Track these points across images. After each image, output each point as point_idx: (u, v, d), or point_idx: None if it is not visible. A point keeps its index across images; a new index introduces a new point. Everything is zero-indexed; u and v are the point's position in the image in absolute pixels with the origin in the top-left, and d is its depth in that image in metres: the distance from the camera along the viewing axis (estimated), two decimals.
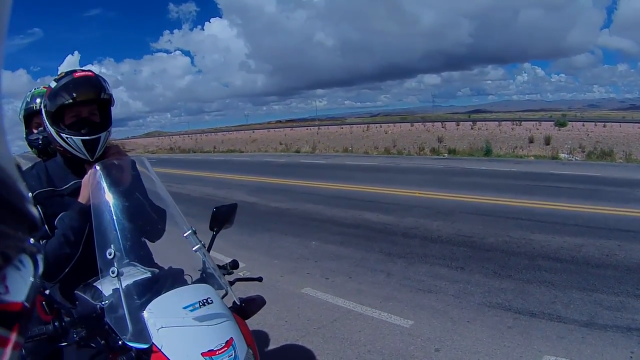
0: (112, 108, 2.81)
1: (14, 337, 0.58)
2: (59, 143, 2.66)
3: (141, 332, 2.09)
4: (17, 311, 0.60)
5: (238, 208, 3.04)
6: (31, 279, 0.64)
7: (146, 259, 2.52)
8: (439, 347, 5.21)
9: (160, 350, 2.04)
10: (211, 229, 2.88)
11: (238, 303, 2.58)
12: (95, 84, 2.66)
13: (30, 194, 2.55)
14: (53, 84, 2.61)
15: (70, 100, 2.57)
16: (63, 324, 2.06)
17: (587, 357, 4.87)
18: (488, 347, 5.15)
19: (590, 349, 5.00)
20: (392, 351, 5.18)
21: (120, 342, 2.09)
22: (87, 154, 2.68)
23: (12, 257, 0.60)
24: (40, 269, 0.67)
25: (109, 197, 2.43)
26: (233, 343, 2.14)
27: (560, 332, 5.41)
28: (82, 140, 2.65)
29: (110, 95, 2.73)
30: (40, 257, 0.67)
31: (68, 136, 2.63)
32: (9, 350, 0.57)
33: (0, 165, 0.57)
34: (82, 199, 2.56)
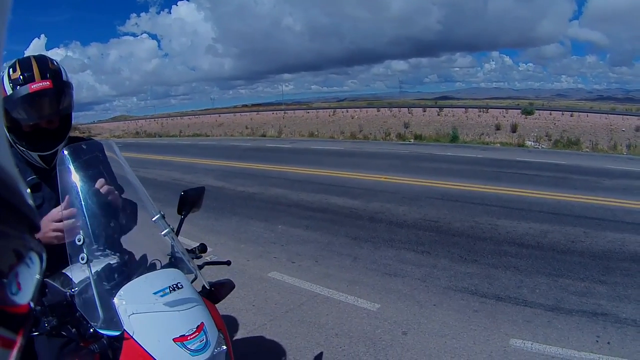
0: (73, 102, 2.66)
1: (20, 339, 0.60)
2: (15, 147, 2.57)
3: (112, 319, 2.06)
4: (24, 313, 0.62)
5: (205, 192, 3.01)
6: (37, 276, 0.66)
7: (115, 244, 2.45)
8: (406, 330, 5.23)
9: (131, 336, 2.01)
10: (179, 212, 2.84)
11: (208, 287, 2.59)
12: (53, 98, 2.52)
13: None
14: (7, 86, 2.44)
15: (27, 119, 2.47)
16: (34, 313, 2.00)
17: (554, 341, 4.93)
18: (455, 331, 5.19)
19: (556, 333, 5.07)
20: (359, 334, 5.19)
21: (91, 330, 2.05)
22: (43, 165, 2.63)
23: (23, 254, 0.62)
24: (44, 266, 0.68)
25: (77, 182, 2.36)
26: (204, 328, 2.14)
27: (526, 316, 5.47)
28: (39, 155, 2.59)
29: (71, 103, 2.63)
30: (45, 255, 0.69)
31: (25, 150, 2.56)
32: (15, 352, 0.59)
33: (0, 165, 0.57)
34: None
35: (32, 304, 0.63)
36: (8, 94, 2.43)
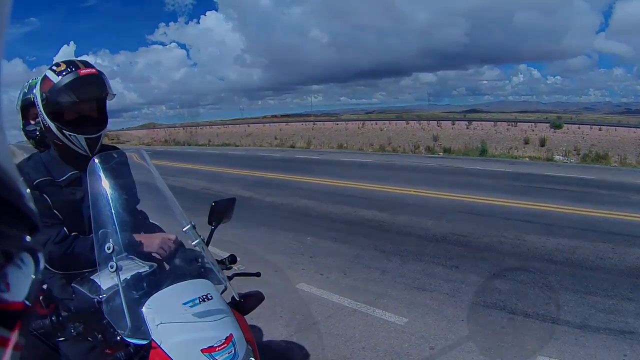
0: (108, 102, 2.83)
1: (14, 337, 0.58)
2: (57, 137, 2.68)
3: (140, 327, 2.08)
4: (18, 311, 0.60)
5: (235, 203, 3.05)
6: (32, 276, 0.64)
7: (145, 253, 2.50)
8: (434, 345, 5.22)
9: (159, 346, 2.03)
10: (210, 223, 2.89)
11: (237, 298, 2.60)
12: (101, 83, 2.69)
13: (32, 185, 2.56)
14: (53, 77, 2.60)
15: (77, 100, 2.59)
16: (60, 318, 2.04)
17: (581, 359, 4.90)
18: (482, 347, 5.17)
19: (583, 351, 5.02)
20: (386, 348, 5.19)
21: (118, 338, 2.07)
22: (87, 150, 2.71)
23: (13, 255, 0.60)
24: (42, 266, 0.67)
25: (108, 190, 2.42)
26: (233, 339, 2.15)
27: (554, 334, 5.43)
28: (85, 138, 2.68)
29: (111, 93, 2.77)
30: (41, 255, 0.67)
31: (71, 134, 2.65)
32: (9, 350, 0.57)
33: (0, 165, 0.57)
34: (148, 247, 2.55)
35: (27, 302, 0.62)
36: (55, 82, 2.58)
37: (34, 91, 2.72)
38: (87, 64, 2.68)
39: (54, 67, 2.64)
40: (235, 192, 14.92)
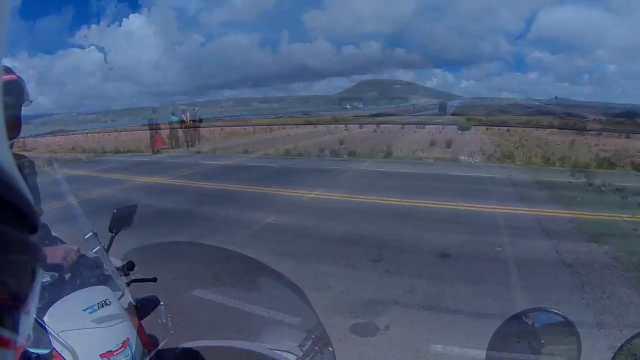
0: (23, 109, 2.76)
1: (18, 339, 0.62)
2: None
3: (42, 337, 2.08)
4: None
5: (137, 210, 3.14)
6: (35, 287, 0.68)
7: (49, 265, 2.44)
8: (327, 343, 5.26)
9: (60, 354, 2.06)
10: (110, 230, 2.90)
11: (134, 303, 2.67)
12: (20, 89, 2.64)
13: None
14: None
15: None
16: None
17: (475, 344, 5.04)
18: (372, 341, 5.35)
19: (476, 338, 5.16)
20: (283, 347, 5.21)
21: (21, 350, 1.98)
22: None
23: (37, 271, 0.67)
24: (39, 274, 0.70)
25: None
26: (129, 343, 2.23)
27: (447, 323, 5.59)
28: None
29: (28, 99, 2.71)
30: (38, 266, 0.70)
31: None
32: (15, 352, 0.61)
33: (0, 166, 0.58)
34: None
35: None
36: None
37: None
38: (7, 70, 2.60)
39: None
40: (133, 198, 14.62)
